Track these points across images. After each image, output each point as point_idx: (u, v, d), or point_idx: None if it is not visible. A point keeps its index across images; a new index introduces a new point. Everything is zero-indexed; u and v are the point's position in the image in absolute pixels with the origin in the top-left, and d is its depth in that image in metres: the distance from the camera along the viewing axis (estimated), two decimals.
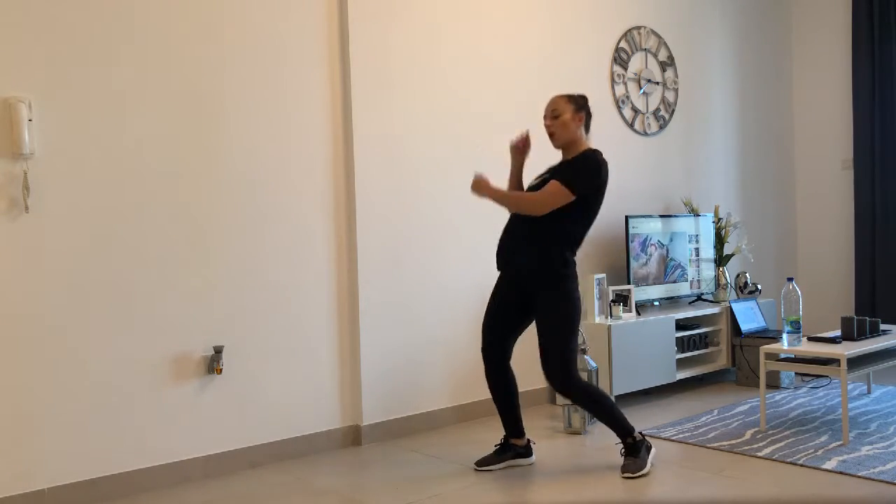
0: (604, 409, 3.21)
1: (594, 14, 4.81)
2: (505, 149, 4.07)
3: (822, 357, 3.65)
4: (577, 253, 3.28)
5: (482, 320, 3.37)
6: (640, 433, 3.28)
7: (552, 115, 3.22)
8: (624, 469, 3.19)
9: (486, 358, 3.34)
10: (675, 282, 4.90)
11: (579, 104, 3.25)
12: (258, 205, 3.50)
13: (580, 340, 4.08)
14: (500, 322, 3.31)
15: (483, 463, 3.32)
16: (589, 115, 3.29)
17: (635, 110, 5.03)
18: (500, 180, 3.74)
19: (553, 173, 3.21)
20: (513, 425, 3.36)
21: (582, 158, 3.19)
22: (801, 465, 3.25)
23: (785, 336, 3.82)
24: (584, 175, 3.14)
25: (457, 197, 4.12)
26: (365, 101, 3.79)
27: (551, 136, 3.24)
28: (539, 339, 3.19)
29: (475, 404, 4.20)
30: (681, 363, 4.82)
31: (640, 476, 3.15)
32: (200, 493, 3.14)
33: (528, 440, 3.42)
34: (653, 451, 3.29)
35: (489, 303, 3.35)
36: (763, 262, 5.98)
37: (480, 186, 3.17)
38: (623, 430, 3.23)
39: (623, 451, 3.25)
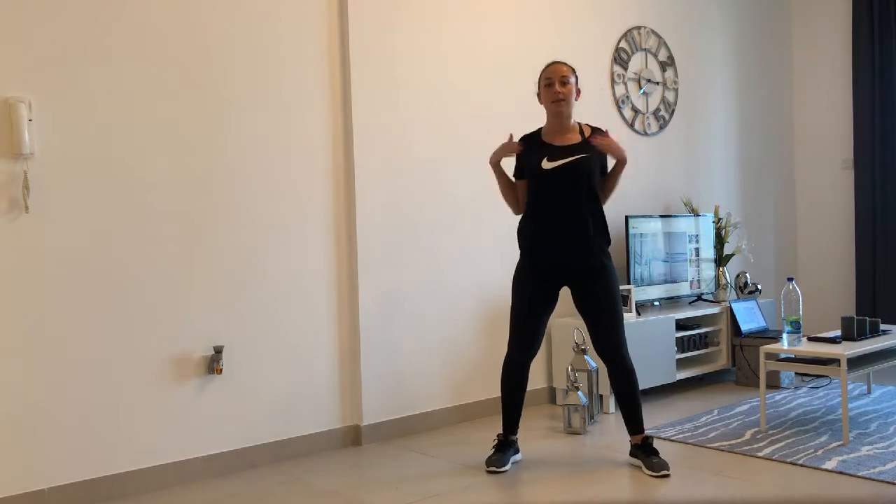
0: (637, 395, 3.29)
1: (594, 14, 4.81)
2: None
3: (822, 357, 3.65)
4: None
5: (513, 329, 3.33)
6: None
7: (561, 81, 3.20)
8: (657, 467, 3.18)
9: (521, 365, 3.34)
10: (675, 282, 4.90)
11: (574, 73, 3.31)
12: (258, 204, 3.50)
13: (580, 340, 4.09)
14: (538, 324, 3.32)
15: (497, 464, 3.29)
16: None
17: (635, 110, 5.03)
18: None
19: (583, 149, 3.23)
20: (514, 422, 3.40)
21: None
22: (801, 465, 3.25)
23: (785, 336, 3.82)
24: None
25: (456, 196, 4.12)
26: (365, 100, 3.79)
27: (560, 101, 3.21)
28: (596, 320, 3.25)
29: (475, 404, 4.20)
30: (681, 363, 4.82)
31: (665, 475, 3.16)
32: (200, 493, 3.14)
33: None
34: None
35: (521, 309, 3.32)
36: (763, 262, 5.98)
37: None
38: (640, 423, 3.29)
39: (638, 448, 3.28)
